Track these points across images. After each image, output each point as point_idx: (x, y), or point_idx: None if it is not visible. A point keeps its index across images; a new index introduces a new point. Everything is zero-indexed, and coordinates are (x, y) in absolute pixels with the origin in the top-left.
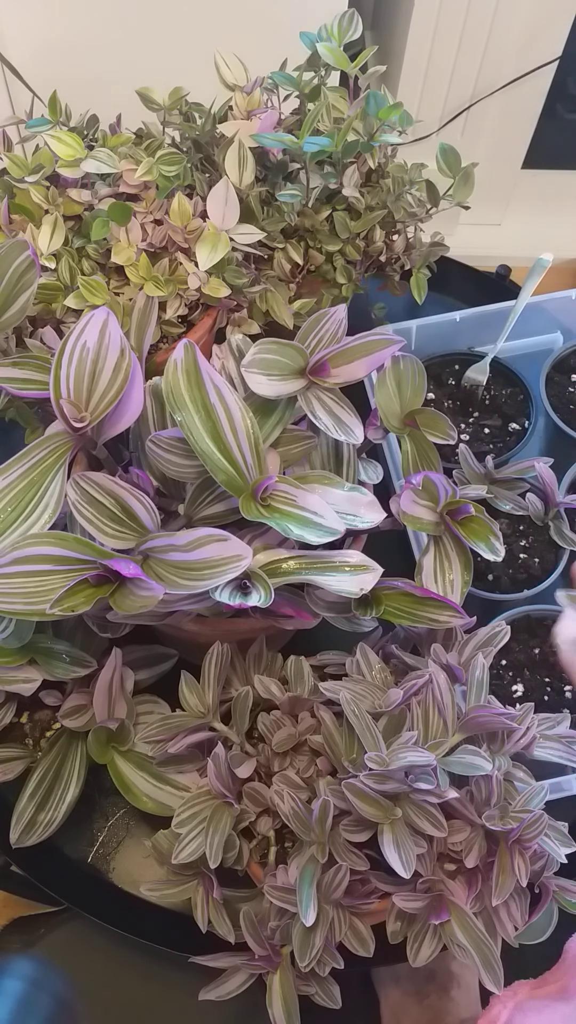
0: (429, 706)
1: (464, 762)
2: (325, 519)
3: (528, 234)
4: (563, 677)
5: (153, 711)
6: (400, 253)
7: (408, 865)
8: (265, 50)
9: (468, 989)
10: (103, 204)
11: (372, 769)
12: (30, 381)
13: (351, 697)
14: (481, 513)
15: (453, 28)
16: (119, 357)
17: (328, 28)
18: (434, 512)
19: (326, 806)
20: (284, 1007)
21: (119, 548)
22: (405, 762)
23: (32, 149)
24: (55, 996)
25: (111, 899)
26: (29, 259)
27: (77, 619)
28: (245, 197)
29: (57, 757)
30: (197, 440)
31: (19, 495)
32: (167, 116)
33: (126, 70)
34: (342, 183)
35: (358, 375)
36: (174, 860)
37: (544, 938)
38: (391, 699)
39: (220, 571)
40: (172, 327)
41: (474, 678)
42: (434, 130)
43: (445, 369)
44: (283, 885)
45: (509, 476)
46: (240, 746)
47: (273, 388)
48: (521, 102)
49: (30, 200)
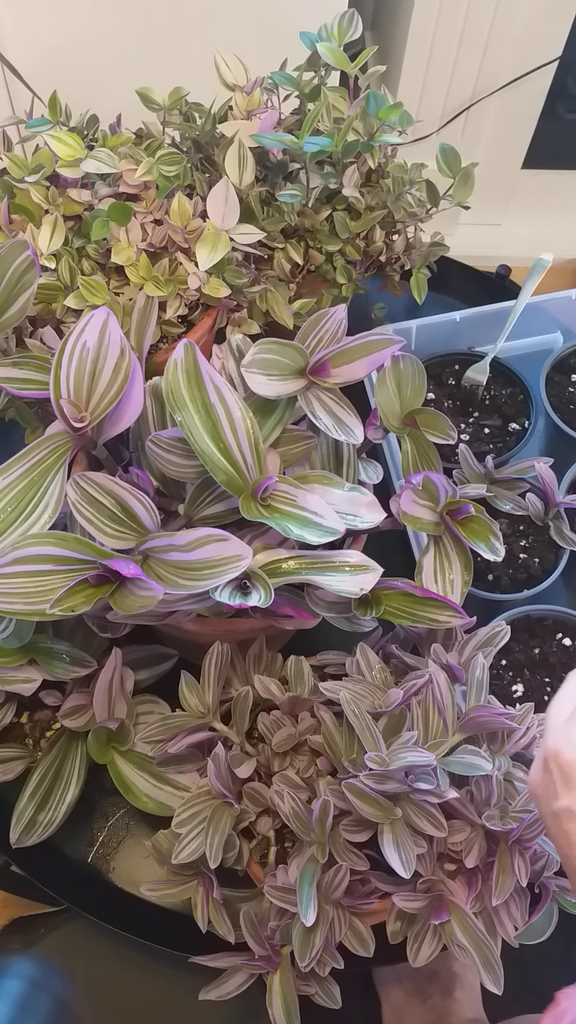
0: (429, 706)
1: (464, 762)
2: (325, 519)
3: (528, 234)
4: (563, 677)
5: (153, 711)
6: (400, 253)
7: (408, 865)
8: (265, 50)
9: (471, 989)
10: (103, 204)
11: (372, 769)
12: (30, 381)
13: (351, 697)
14: (481, 513)
15: (453, 28)
16: (119, 357)
17: (328, 28)
18: (434, 512)
19: (326, 806)
20: (284, 1007)
21: (119, 548)
22: (405, 762)
23: (32, 149)
24: (55, 996)
25: (111, 899)
26: (29, 259)
27: (77, 619)
28: (245, 197)
29: (57, 757)
30: (197, 440)
31: (19, 495)
32: (167, 116)
33: (126, 70)
34: (342, 183)
35: (358, 375)
36: (174, 860)
37: (544, 938)
38: (391, 699)
39: (220, 571)
40: (172, 327)
41: (474, 678)
42: (434, 130)
43: (445, 369)
44: (283, 885)
45: (509, 476)
46: (240, 746)
47: (273, 388)
48: (521, 102)
49: (30, 200)
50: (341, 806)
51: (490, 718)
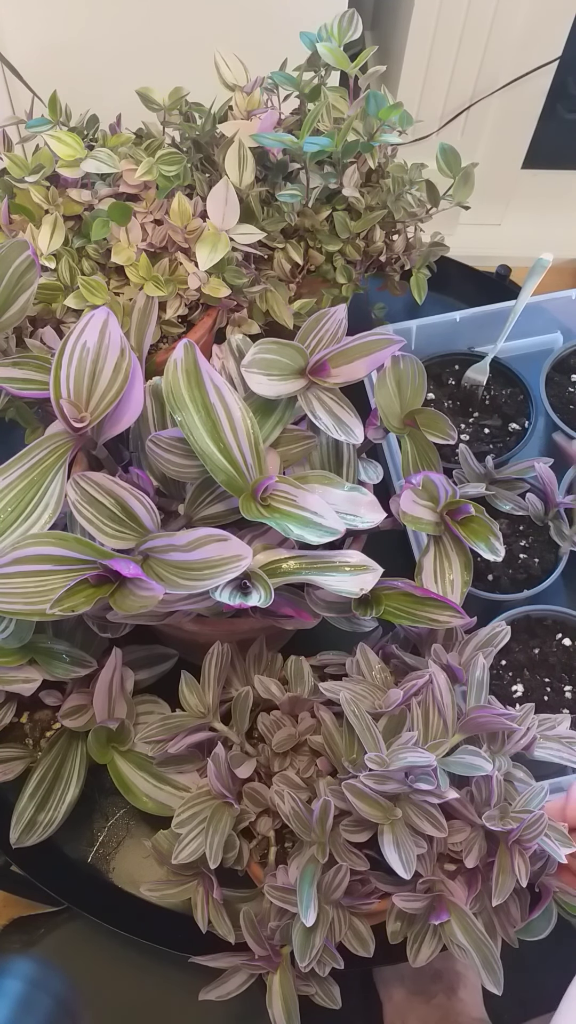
0: (429, 706)
1: (464, 762)
2: (325, 519)
3: (528, 234)
4: (563, 677)
5: (153, 711)
6: (400, 253)
7: (408, 865)
8: (265, 50)
9: (474, 989)
10: (103, 204)
11: (372, 770)
12: (30, 381)
13: (351, 697)
14: (481, 513)
15: (453, 28)
16: (119, 357)
17: (328, 28)
18: (434, 512)
19: (326, 806)
20: (284, 1007)
21: (119, 548)
22: (405, 763)
23: (32, 149)
24: (55, 996)
25: (111, 899)
26: (29, 259)
27: (77, 619)
28: (245, 197)
29: (57, 757)
30: (197, 440)
31: (19, 495)
32: (167, 116)
33: (126, 70)
34: (342, 183)
35: (358, 375)
36: (174, 860)
37: (543, 935)
38: (391, 699)
39: (220, 571)
40: (172, 327)
41: (474, 678)
42: (434, 130)
43: (445, 369)
44: (283, 885)
45: (509, 476)
46: (240, 746)
47: (273, 388)
48: (521, 102)
49: (30, 200)
50: (341, 806)
51: (490, 718)
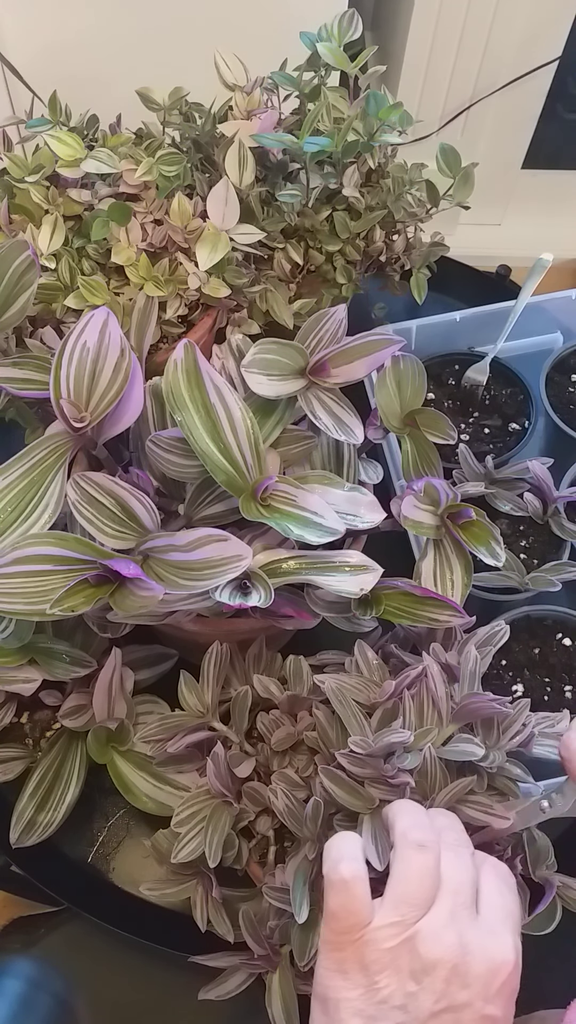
0: (423, 698)
1: (458, 750)
2: (325, 519)
3: (528, 234)
4: (563, 677)
5: (153, 711)
6: (400, 253)
7: (383, 857)
8: (265, 50)
9: None
10: (103, 204)
11: (353, 751)
12: (30, 381)
13: (336, 686)
14: (482, 517)
15: (453, 28)
16: (119, 357)
17: (328, 28)
18: (435, 516)
19: (318, 806)
20: (284, 1006)
21: (119, 548)
22: (385, 742)
23: (32, 149)
24: (55, 996)
25: (111, 899)
26: (29, 259)
27: (77, 619)
28: (245, 197)
29: (57, 757)
30: (197, 440)
31: (19, 495)
32: (167, 116)
33: (126, 70)
34: (342, 183)
35: (358, 375)
36: (173, 859)
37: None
38: (384, 691)
39: (220, 571)
40: (172, 327)
41: (467, 670)
42: (434, 130)
43: (445, 369)
44: (281, 885)
45: (509, 476)
46: (239, 745)
47: (273, 388)
48: (521, 102)
49: (30, 200)
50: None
51: (483, 704)
